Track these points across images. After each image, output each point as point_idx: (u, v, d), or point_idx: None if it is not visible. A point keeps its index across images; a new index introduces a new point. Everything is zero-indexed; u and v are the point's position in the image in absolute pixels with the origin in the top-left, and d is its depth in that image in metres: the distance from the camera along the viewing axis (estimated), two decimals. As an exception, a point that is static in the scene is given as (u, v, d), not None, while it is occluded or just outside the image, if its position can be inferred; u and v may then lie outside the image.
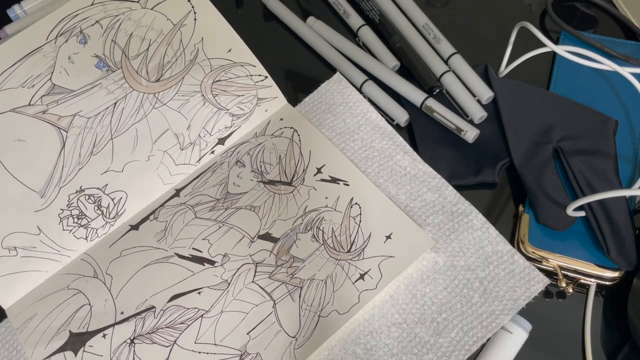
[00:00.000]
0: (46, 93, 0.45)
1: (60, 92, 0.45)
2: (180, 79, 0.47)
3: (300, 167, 0.45)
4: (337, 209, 0.43)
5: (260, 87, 0.48)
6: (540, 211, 0.42)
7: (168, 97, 0.46)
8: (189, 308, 0.40)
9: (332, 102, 0.48)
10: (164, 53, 0.47)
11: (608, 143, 0.44)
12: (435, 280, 0.41)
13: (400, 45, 0.51)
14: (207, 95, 0.47)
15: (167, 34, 0.47)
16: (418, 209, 0.43)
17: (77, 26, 0.47)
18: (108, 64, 0.46)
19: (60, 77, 0.45)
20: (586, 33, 0.51)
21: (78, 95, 0.45)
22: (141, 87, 0.46)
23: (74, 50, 0.46)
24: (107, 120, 0.45)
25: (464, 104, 0.48)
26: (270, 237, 0.43)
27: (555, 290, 0.42)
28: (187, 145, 0.46)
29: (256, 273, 0.41)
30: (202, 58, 0.47)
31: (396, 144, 0.46)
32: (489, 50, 0.52)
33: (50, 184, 0.44)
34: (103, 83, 0.45)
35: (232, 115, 0.47)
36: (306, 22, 0.53)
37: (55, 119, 0.44)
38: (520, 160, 0.45)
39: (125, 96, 0.45)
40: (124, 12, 0.48)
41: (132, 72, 0.46)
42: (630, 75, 0.45)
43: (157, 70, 0.46)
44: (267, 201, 0.44)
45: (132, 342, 0.40)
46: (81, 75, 0.45)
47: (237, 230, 0.43)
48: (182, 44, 0.47)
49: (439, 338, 0.39)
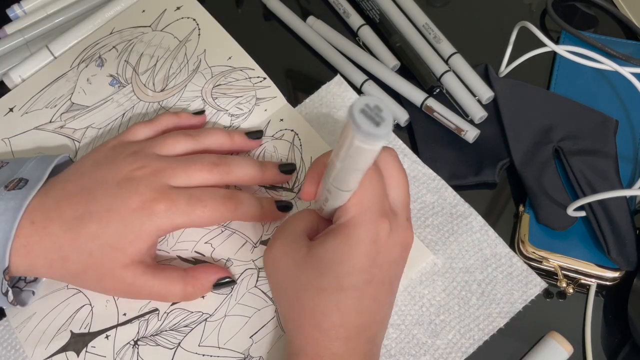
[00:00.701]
0: (65, 111, 0.49)
1: (78, 109, 0.48)
2: (183, 87, 0.48)
3: (301, 173, 0.45)
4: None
5: (258, 87, 0.48)
6: (541, 211, 0.42)
7: (171, 103, 0.48)
8: (192, 312, 0.40)
9: (333, 104, 0.48)
10: (169, 67, 0.49)
11: (608, 143, 0.44)
12: (433, 282, 0.41)
13: (400, 45, 0.51)
14: (207, 99, 0.48)
15: (173, 49, 0.50)
16: (417, 210, 0.43)
17: (97, 52, 0.51)
18: (120, 81, 0.49)
19: (79, 96, 0.49)
20: (586, 33, 0.51)
21: (92, 110, 0.48)
22: (147, 97, 0.48)
23: (93, 73, 0.50)
24: (116, 129, 0.48)
25: (464, 104, 0.47)
26: None
27: (556, 291, 0.42)
28: None
29: (259, 278, 0.41)
30: (204, 67, 0.49)
31: (396, 146, 0.46)
32: (489, 50, 0.52)
33: None
34: (114, 98, 0.49)
35: (230, 115, 0.47)
36: (306, 21, 0.53)
37: (71, 132, 0.48)
38: (520, 160, 0.45)
39: (133, 107, 0.48)
40: (137, 36, 0.51)
41: (141, 86, 0.49)
42: (631, 75, 0.45)
43: (162, 82, 0.49)
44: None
45: (135, 343, 0.40)
46: (97, 93, 0.49)
47: (240, 235, 0.43)
48: (186, 57, 0.50)
49: (436, 340, 0.39)
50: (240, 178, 0.40)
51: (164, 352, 0.39)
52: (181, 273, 0.38)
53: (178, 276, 0.38)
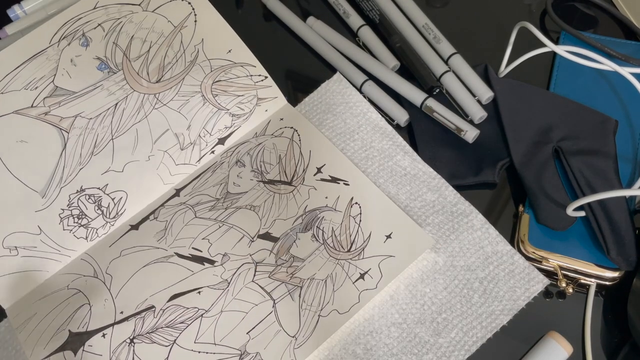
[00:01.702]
0: (49, 95, 0.45)
1: (63, 93, 0.45)
2: (180, 80, 0.47)
3: (300, 166, 0.45)
4: (337, 209, 0.43)
5: (260, 87, 0.48)
6: (540, 211, 0.42)
7: (168, 97, 0.46)
8: (188, 307, 0.40)
9: (332, 102, 0.48)
10: (164, 54, 0.47)
11: (608, 143, 0.44)
12: (435, 280, 0.41)
13: (400, 45, 0.51)
14: (207, 95, 0.47)
15: (167, 35, 0.47)
16: (418, 209, 0.43)
17: (80, 29, 0.47)
18: (109, 66, 0.46)
19: (63, 79, 0.45)
20: (586, 33, 0.51)
21: (80, 96, 0.45)
22: (142, 88, 0.46)
23: (77, 53, 0.46)
24: (108, 120, 0.45)
25: (464, 104, 0.48)
26: (270, 237, 0.43)
27: (555, 290, 0.42)
28: (187, 145, 0.46)
29: (256, 272, 0.41)
30: (202, 59, 0.47)
31: (396, 144, 0.46)
32: (489, 50, 0.52)
33: (52, 184, 0.44)
34: (104, 84, 0.46)
35: (232, 115, 0.47)
36: (306, 22, 0.53)
37: (57, 120, 0.44)
38: (520, 160, 0.45)
39: (126, 97, 0.46)
40: (126, 14, 0.48)
41: (133, 74, 0.46)
42: (630, 75, 0.45)
43: (157, 72, 0.47)
44: (267, 201, 0.44)
45: (131, 341, 0.40)
46: (83, 77, 0.45)
47: (237, 229, 0.43)
48: (182, 45, 0.47)
49: (439, 338, 0.39)
50: None
51: (160, 350, 0.39)
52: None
53: None
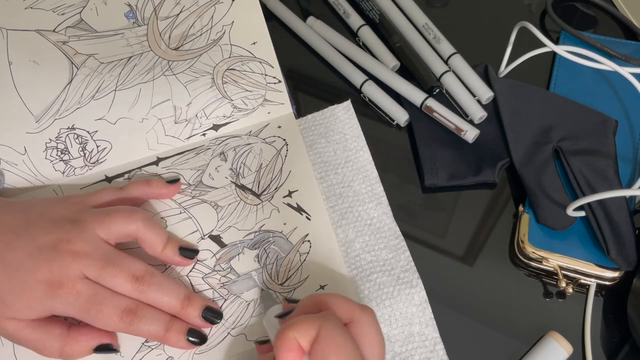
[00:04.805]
0: (72, 25, 0.44)
1: (85, 28, 0.45)
2: (197, 55, 0.46)
3: (274, 183, 0.44)
4: (290, 239, 0.42)
5: (270, 89, 0.47)
6: (540, 211, 0.42)
7: (180, 68, 0.46)
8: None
9: (332, 128, 0.47)
10: (191, 24, 0.46)
11: (608, 143, 0.44)
12: None
13: (400, 45, 0.51)
14: (217, 79, 0.46)
15: (201, 5, 0.46)
16: (367, 262, 0.42)
17: None
18: (137, 17, 0.45)
19: (90, 14, 0.45)
20: (586, 33, 0.51)
21: (99, 37, 0.45)
22: (159, 51, 0.46)
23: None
24: (117, 71, 0.46)
25: (464, 104, 0.48)
26: (219, 241, 0.42)
27: (555, 290, 0.42)
28: (182, 121, 0.46)
29: (192, 269, 0.41)
30: (225, 42, 0.46)
31: (374, 192, 0.44)
32: (489, 50, 0.52)
33: (48, 112, 0.45)
34: (125, 34, 0.45)
35: (234, 107, 0.47)
36: (306, 22, 0.53)
37: (72, 52, 0.45)
38: (520, 160, 0.45)
39: (142, 54, 0.46)
40: None
41: (156, 33, 0.46)
42: (630, 75, 0.45)
43: (179, 39, 0.46)
44: (232, 205, 0.44)
45: None
46: (109, 19, 0.45)
47: (194, 222, 0.43)
48: (212, 21, 0.46)
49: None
50: (158, 298, 0.38)
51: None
52: (63, 331, 0.37)
53: (59, 334, 0.37)
